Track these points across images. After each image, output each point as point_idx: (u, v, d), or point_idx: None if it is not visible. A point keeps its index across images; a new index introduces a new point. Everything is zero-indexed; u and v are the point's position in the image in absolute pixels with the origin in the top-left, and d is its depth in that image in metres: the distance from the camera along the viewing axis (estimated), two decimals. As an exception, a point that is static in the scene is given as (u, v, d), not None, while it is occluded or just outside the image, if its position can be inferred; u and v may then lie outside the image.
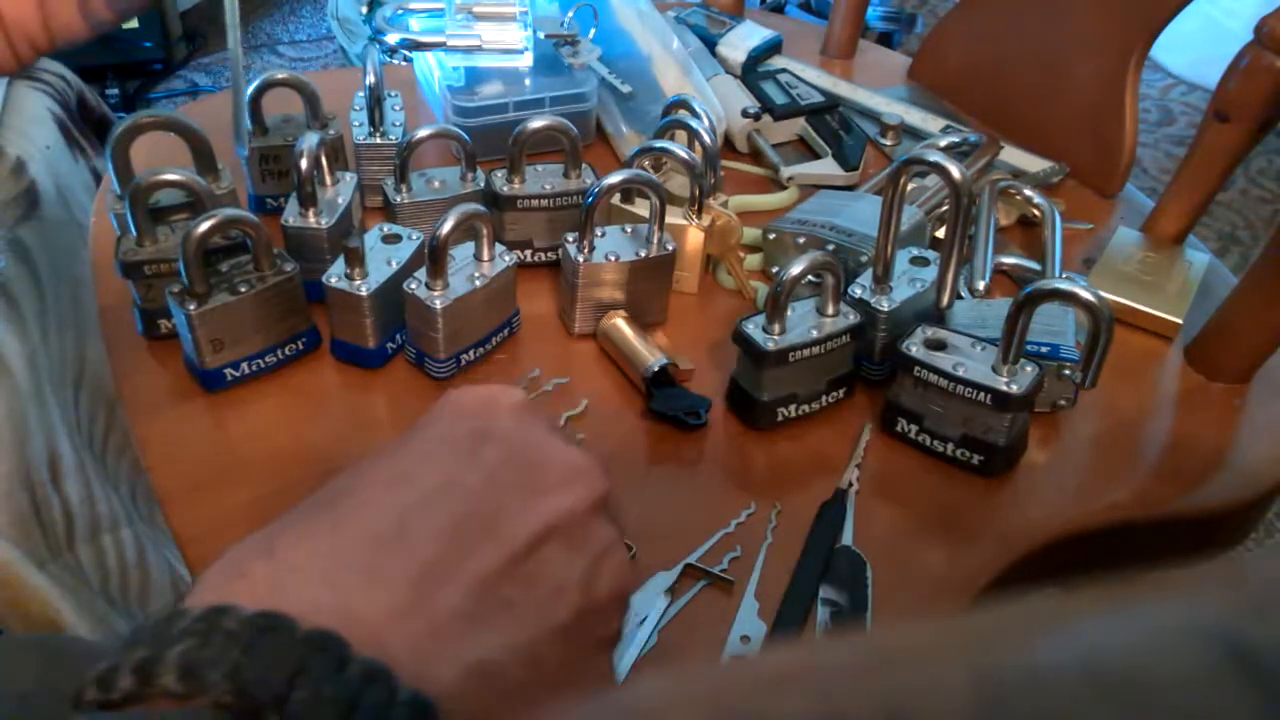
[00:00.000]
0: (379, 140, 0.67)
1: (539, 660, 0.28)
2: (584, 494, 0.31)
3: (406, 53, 0.75)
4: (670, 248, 0.59)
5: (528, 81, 0.75)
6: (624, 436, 0.55)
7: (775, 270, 0.66)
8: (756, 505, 0.51)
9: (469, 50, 0.73)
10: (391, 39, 0.73)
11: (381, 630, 0.26)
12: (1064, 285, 0.50)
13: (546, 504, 0.30)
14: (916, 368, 0.52)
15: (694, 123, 0.63)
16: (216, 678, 0.23)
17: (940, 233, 0.68)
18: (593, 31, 0.78)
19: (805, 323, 0.54)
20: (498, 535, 0.29)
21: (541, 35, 0.75)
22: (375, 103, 0.66)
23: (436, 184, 0.64)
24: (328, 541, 0.28)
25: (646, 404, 0.56)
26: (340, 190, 0.61)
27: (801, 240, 0.64)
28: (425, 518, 0.28)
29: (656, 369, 0.56)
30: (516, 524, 0.30)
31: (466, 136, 0.63)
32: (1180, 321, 0.63)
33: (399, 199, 0.63)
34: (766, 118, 0.77)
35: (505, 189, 0.63)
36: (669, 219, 0.60)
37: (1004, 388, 0.51)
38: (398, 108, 0.70)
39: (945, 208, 0.68)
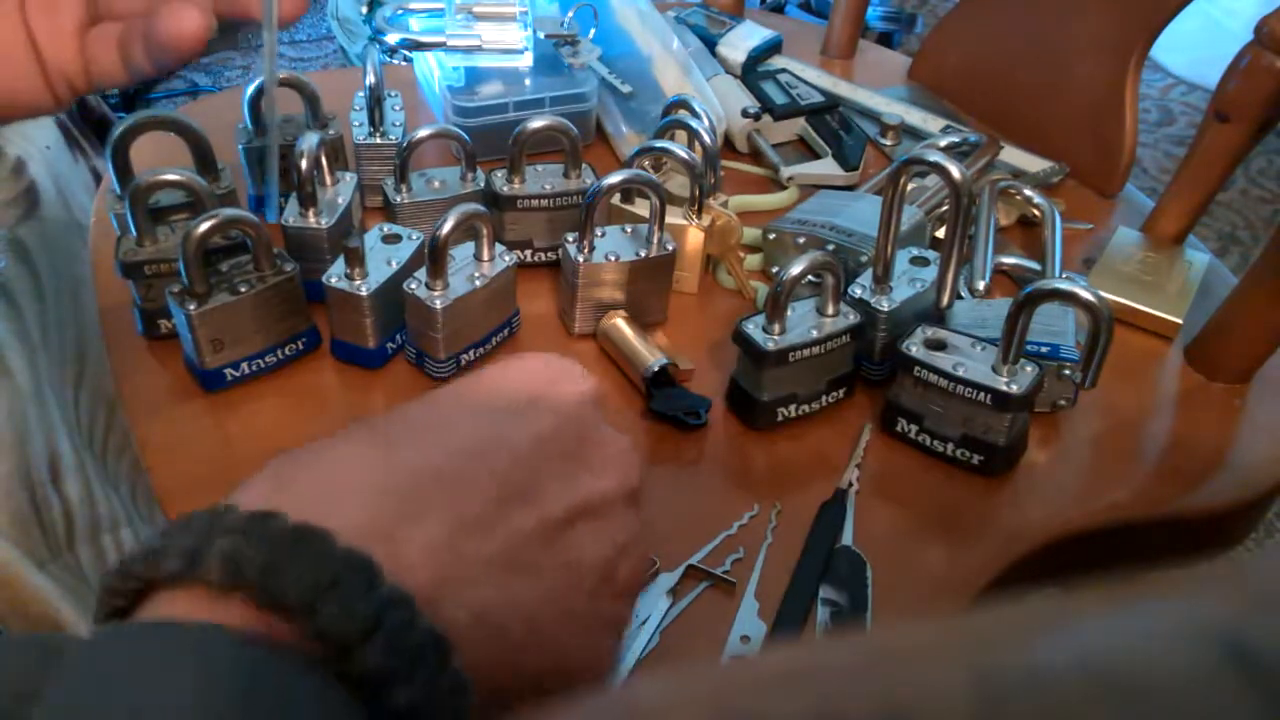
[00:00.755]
0: (379, 140, 0.67)
1: (543, 629, 0.29)
2: (621, 481, 0.32)
3: (406, 53, 0.75)
4: (670, 248, 0.59)
5: (528, 81, 0.75)
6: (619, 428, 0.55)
7: (775, 270, 0.66)
8: (759, 507, 0.51)
9: (469, 50, 0.73)
10: (391, 39, 0.73)
11: (411, 562, 0.27)
12: (1064, 285, 0.50)
13: (586, 482, 0.31)
14: (916, 368, 0.52)
15: (694, 123, 0.63)
16: (253, 576, 0.24)
17: (940, 233, 0.68)
18: (593, 31, 0.78)
19: (805, 323, 0.54)
20: (536, 500, 0.30)
21: (541, 35, 0.75)
22: (375, 103, 0.66)
23: (436, 184, 0.64)
24: (376, 470, 0.28)
25: (646, 404, 0.56)
26: (340, 190, 0.61)
27: (801, 240, 0.64)
28: (471, 468, 0.29)
29: (656, 369, 0.56)
30: (555, 494, 0.30)
31: (466, 136, 0.63)
32: (1180, 321, 0.63)
33: (399, 199, 0.63)
34: (766, 118, 0.77)
35: (505, 189, 0.63)
36: (669, 219, 0.60)
37: (1004, 388, 0.51)
38: (398, 108, 0.70)
39: (945, 208, 0.68)
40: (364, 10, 1.88)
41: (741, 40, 0.84)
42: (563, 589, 0.30)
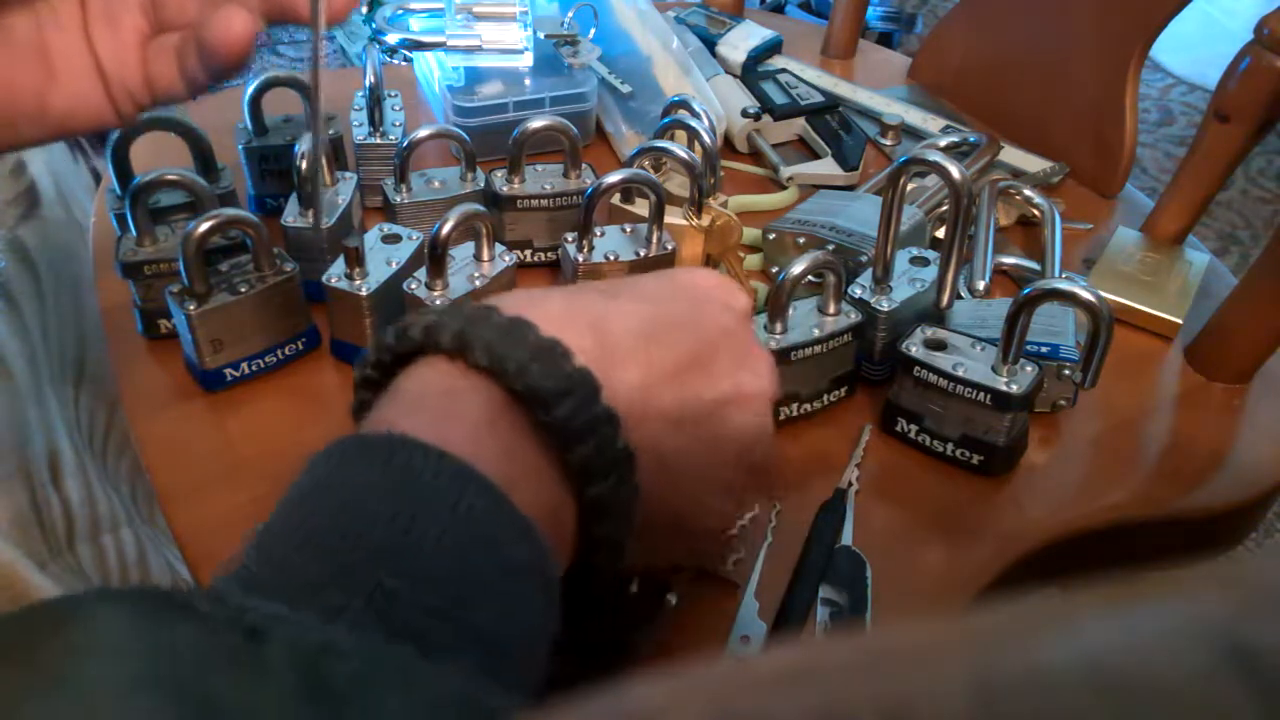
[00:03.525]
0: (379, 140, 0.67)
1: (689, 475, 0.37)
2: (770, 386, 0.39)
3: (406, 53, 0.75)
4: (670, 247, 0.59)
5: (528, 81, 0.75)
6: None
7: (775, 270, 0.66)
8: (759, 507, 0.51)
9: (469, 50, 0.73)
10: (391, 39, 0.73)
11: (618, 392, 0.33)
12: (1064, 285, 0.50)
13: (748, 378, 0.38)
14: (916, 368, 0.52)
15: (694, 123, 0.63)
16: (513, 368, 0.31)
17: (940, 233, 0.68)
18: (593, 31, 0.78)
19: (807, 321, 0.54)
20: (711, 377, 0.37)
21: (541, 35, 0.75)
22: (375, 103, 0.66)
23: (436, 184, 0.64)
24: (606, 321, 0.35)
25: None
26: (340, 190, 0.61)
27: (801, 240, 0.64)
28: (672, 337, 0.36)
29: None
30: (724, 376, 0.37)
31: (466, 136, 0.63)
32: (1180, 321, 0.63)
33: (399, 199, 0.63)
34: (766, 118, 0.77)
35: (505, 189, 0.63)
36: (669, 219, 0.60)
37: (1004, 388, 0.51)
38: (398, 108, 0.70)
39: (945, 208, 0.68)
40: (364, 10, 1.88)
41: (741, 40, 0.84)
42: (711, 451, 0.37)
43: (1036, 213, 0.71)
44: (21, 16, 0.39)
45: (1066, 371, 0.55)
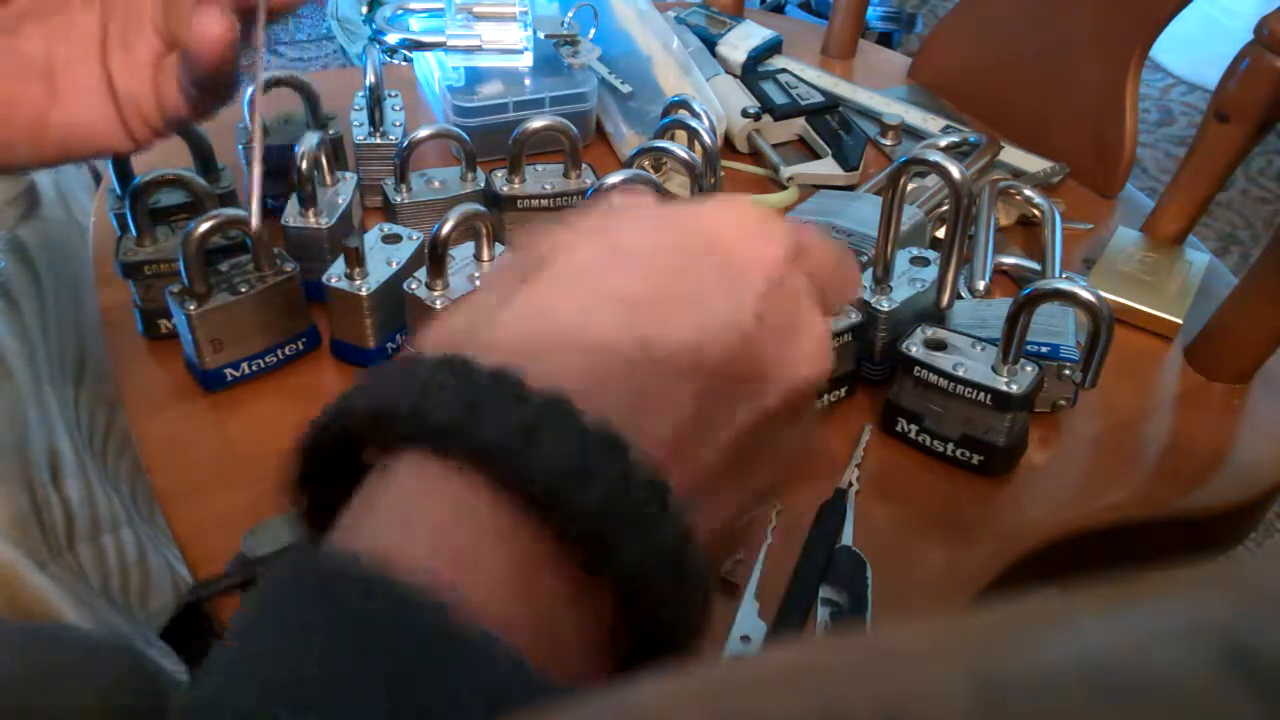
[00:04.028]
0: (379, 140, 0.67)
1: (704, 518, 0.27)
2: (820, 372, 0.30)
3: (406, 53, 0.75)
4: (670, 248, 0.59)
5: (528, 81, 0.75)
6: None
7: (775, 270, 0.65)
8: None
9: (469, 50, 0.73)
10: (391, 39, 0.73)
11: (644, 444, 0.24)
12: (1064, 285, 0.50)
13: (803, 363, 0.29)
14: (916, 368, 0.52)
15: (694, 123, 0.63)
16: (520, 463, 0.23)
17: (940, 233, 0.68)
18: (593, 31, 0.78)
19: (805, 323, 0.54)
20: (755, 387, 0.28)
21: (541, 35, 0.75)
22: (375, 103, 0.66)
23: (436, 184, 0.64)
24: (614, 340, 0.26)
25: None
26: (340, 190, 0.61)
27: (801, 240, 0.64)
28: (716, 344, 0.27)
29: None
30: (773, 378, 0.28)
31: (466, 136, 0.63)
32: (1180, 321, 0.63)
33: (399, 199, 0.63)
34: (766, 118, 0.77)
35: (505, 189, 0.63)
36: (669, 219, 0.60)
37: (1004, 388, 0.51)
38: (398, 108, 0.70)
39: (945, 208, 0.68)
40: (364, 10, 1.88)
41: (741, 40, 0.84)
42: (755, 473, 0.29)
43: (1036, 213, 0.71)
44: (33, 30, 0.37)
45: (1066, 371, 0.55)
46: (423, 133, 0.61)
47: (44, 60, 0.38)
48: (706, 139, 0.62)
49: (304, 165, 0.57)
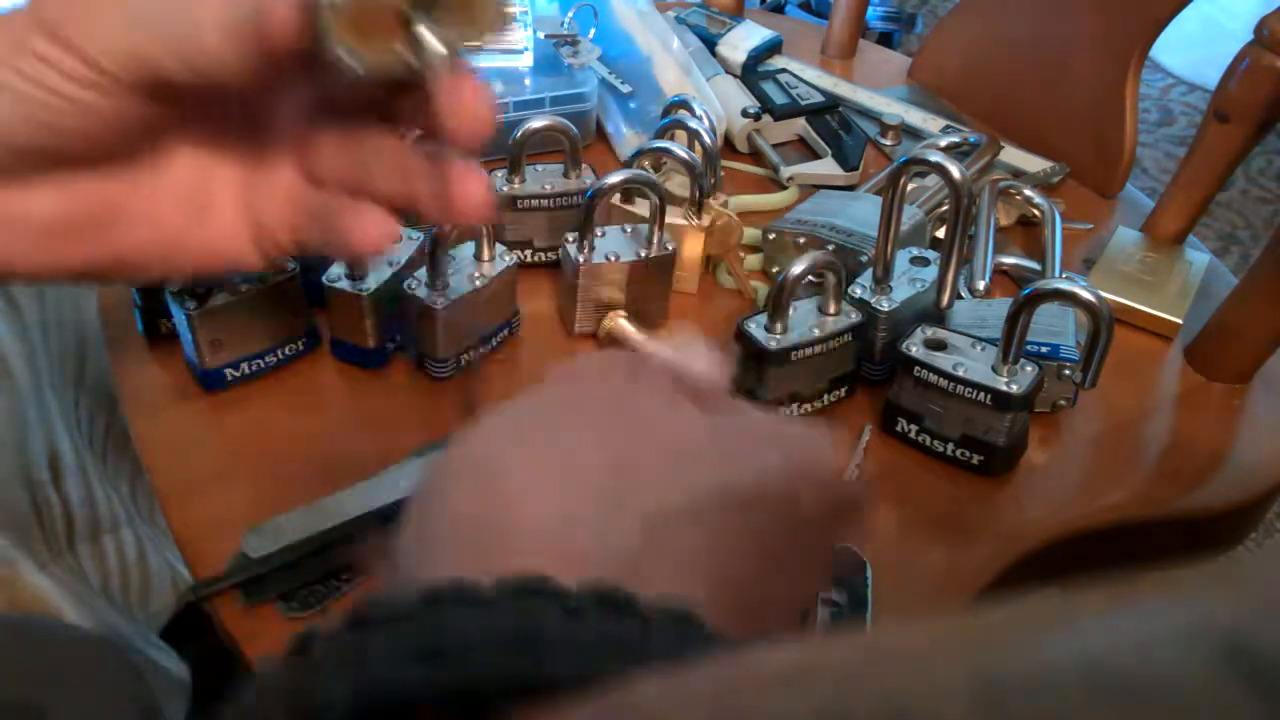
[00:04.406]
0: (379, 140, 0.67)
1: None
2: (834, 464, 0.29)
3: (406, 53, 0.75)
4: (670, 248, 0.59)
5: (528, 81, 0.75)
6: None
7: (775, 270, 0.66)
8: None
9: (468, 50, 0.73)
10: (391, 39, 0.73)
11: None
12: (1064, 285, 0.50)
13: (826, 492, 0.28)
14: (916, 368, 0.52)
15: (694, 123, 0.63)
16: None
17: (940, 233, 0.68)
18: (593, 31, 0.78)
19: (807, 321, 0.54)
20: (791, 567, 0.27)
21: (541, 35, 0.75)
22: (375, 103, 0.66)
23: (436, 184, 0.64)
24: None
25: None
26: (340, 190, 0.61)
27: (801, 240, 0.64)
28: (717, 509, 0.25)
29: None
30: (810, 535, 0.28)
31: (466, 136, 0.63)
32: (1180, 321, 0.63)
33: (399, 199, 0.63)
34: (766, 118, 0.77)
35: (505, 189, 0.63)
36: (669, 219, 0.60)
37: (1004, 388, 0.51)
38: (398, 108, 0.70)
39: (945, 208, 0.68)
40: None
41: (741, 40, 0.84)
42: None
43: (1036, 213, 0.71)
44: (186, 155, 0.37)
45: (1067, 371, 0.55)
46: (423, 133, 0.61)
47: (196, 185, 0.38)
48: (706, 139, 0.62)
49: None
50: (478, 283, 0.55)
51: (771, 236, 0.65)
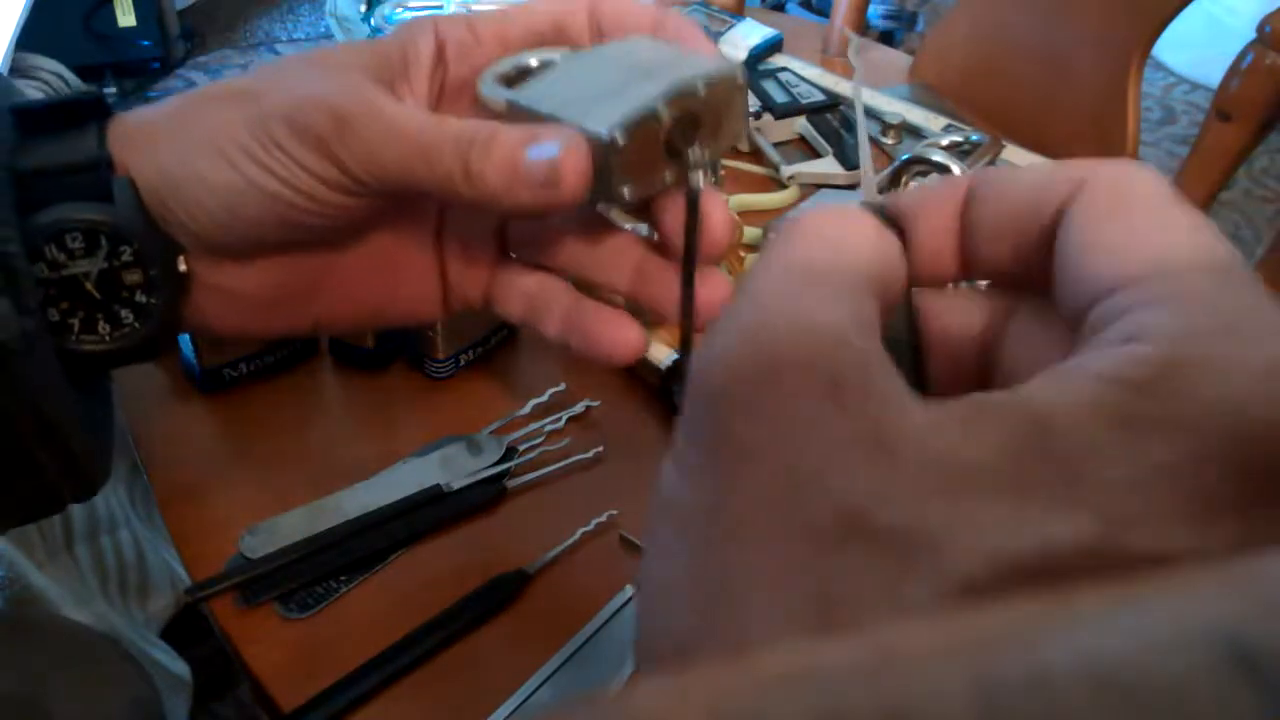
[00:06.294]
0: (379, 139, 0.67)
1: None
2: None
3: (406, 52, 0.75)
4: (670, 247, 0.59)
5: (528, 80, 0.75)
6: (632, 434, 0.55)
7: (776, 269, 0.65)
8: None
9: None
10: (391, 38, 0.73)
11: None
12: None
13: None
14: (917, 367, 0.52)
15: (694, 122, 0.63)
16: None
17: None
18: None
19: (806, 322, 0.54)
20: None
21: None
22: (375, 102, 0.66)
23: (436, 183, 0.64)
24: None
25: (660, 399, 0.56)
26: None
27: (802, 239, 0.64)
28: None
29: (670, 363, 0.56)
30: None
31: (466, 135, 0.63)
32: (1182, 320, 0.63)
33: (399, 198, 0.63)
34: (767, 116, 0.77)
35: (505, 188, 0.63)
36: (669, 218, 0.60)
37: (1005, 387, 0.50)
38: (398, 107, 0.70)
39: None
40: (363, 9, 1.88)
41: (742, 39, 0.84)
42: None
43: (1038, 211, 0.70)
44: (383, 230, 0.37)
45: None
46: (422, 132, 0.61)
47: (391, 258, 0.38)
48: (707, 138, 0.62)
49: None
50: (477, 282, 0.55)
51: (772, 236, 0.65)
